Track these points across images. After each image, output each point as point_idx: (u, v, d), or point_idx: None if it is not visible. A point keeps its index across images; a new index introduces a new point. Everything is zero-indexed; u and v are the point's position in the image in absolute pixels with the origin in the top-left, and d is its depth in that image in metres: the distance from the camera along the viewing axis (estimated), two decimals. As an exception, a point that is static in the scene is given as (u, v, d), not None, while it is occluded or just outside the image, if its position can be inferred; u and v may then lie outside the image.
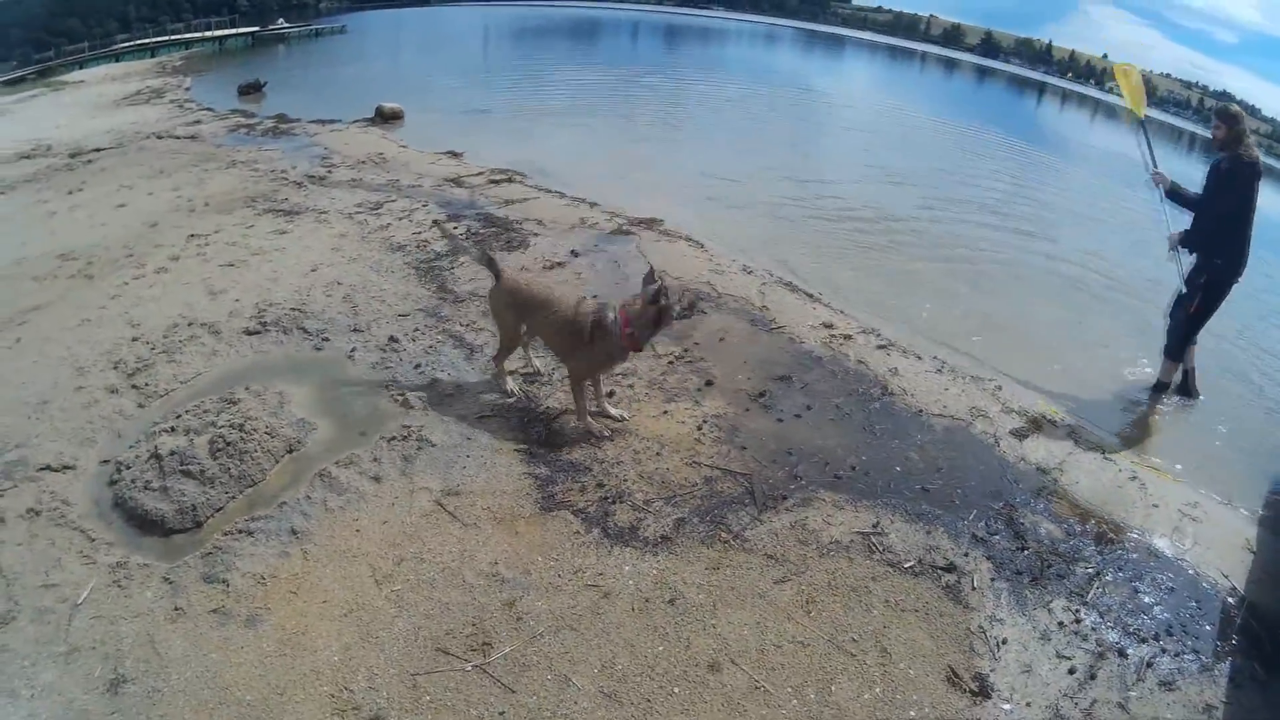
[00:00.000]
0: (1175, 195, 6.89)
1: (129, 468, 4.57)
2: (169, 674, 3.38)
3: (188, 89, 20.49)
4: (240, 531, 4.16)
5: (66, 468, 4.66)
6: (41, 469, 4.62)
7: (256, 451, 4.69)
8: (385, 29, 50.98)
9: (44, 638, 3.54)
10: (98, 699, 3.27)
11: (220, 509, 4.36)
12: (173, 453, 4.59)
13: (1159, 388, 7.22)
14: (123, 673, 3.38)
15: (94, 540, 4.12)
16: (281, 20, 47.67)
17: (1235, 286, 6.72)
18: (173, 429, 4.87)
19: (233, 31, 41.99)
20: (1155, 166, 7.02)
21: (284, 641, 3.54)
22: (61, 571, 3.91)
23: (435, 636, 3.63)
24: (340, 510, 4.36)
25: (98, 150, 12.66)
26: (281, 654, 3.48)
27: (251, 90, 20.06)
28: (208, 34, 40.69)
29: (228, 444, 4.66)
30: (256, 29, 43.08)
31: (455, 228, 8.27)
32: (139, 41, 38.08)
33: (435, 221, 5.32)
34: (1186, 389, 7.24)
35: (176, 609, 3.70)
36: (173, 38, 39.27)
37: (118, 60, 33.14)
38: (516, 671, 3.48)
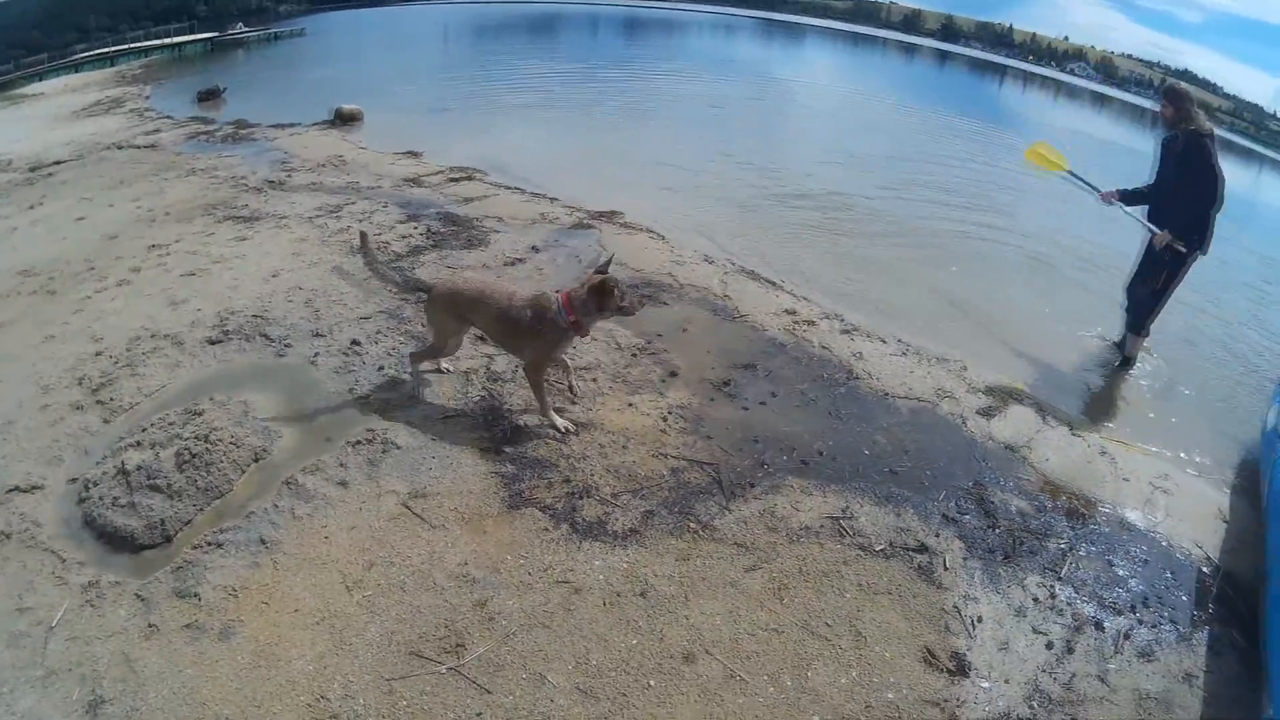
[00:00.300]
0: (1130, 197, 7.06)
1: (97, 485, 4.55)
2: (146, 692, 3.38)
3: (147, 97, 20.29)
4: (210, 544, 4.15)
5: (35, 488, 4.63)
6: (10, 490, 4.59)
7: (222, 462, 4.69)
8: (344, 30, 50.60)
9: (20, 662, 3.53)
10: None
11: (189, 522, 4.35)
12: (139, 467, 4.58)
13: (1125, 363, 7.39)
14: (100, 694, 3.37)
15: (65, 561, 4.10)
16: (240, 25, 47.15)
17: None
18: (138, 443, 4.86)
19: (191, 38, 41.52)
20: (1099, 191, 7.22)
21: (258, 653, 3.55)
22: (35, 594, 3.89)
23: (408, 640, 3.64)
24: (308, 518, 4.36)
25: (57, 163, 12.55)
26: (256, 666, 3.49)
27: (211, 96, 19.88)
28: (166, 41, 40.22)
29: (193, 456, 4.66)
30: (215, 35, 42.61)
31: (379, 249, 8.18)
32: (98, 51, 37.63)
33: (362, 245, 5.20)
34: (1128, 362, 7.46)
35: (150, 626, 3.69)
36: (131, 46, 38.80)
37: (77, 71, 32.73)
38: (491, 672, 3.51)
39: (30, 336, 6.45)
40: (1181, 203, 6.64)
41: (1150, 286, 6.96)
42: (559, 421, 5.19)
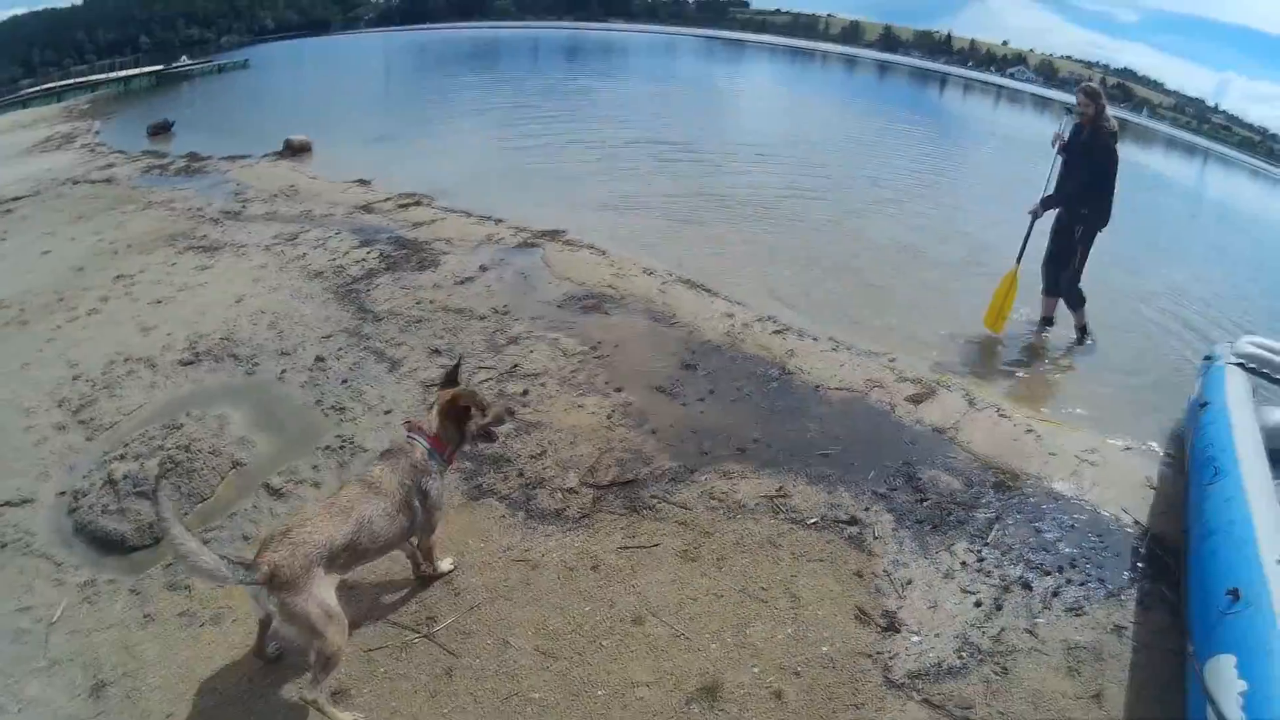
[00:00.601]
0: (1050, 201, 7.82)
1: (86, 495, 4.85)
2: (146, 675, 3.66)
3: (97, 133, 20.21)
4: None
5: (25, 501, 4.90)
6: (1, 505, 4.85)
7: (204, 469, 5.03)
8: (287, 61, 50.43)
9: (24, 656, 3.78)
10: (82, 704, 3.53)
11: (176, 525, 4.66)
12: (126, 477, 4.89)
13: (1082, 333, 8.22)
14: (102, 678, 3.64)
15: (60, 565, 4.38)
16: (184, 57, 46.80)
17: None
18: (123, 456, 5.16)
19: (137, 71, 41.15)
20: (1032, 217, 8.00)
21: (249, 634, 3.81)
22: (33, 595, 4.16)
23: (384, 615, 3.99)
24: (285, 516, 4.62)
25: (16, 199, 12.61)
26: (247, 645, 3.76)
27: (161, 130, 19.86)
28: (112, 75, 39.82)
29: (176, 464, 4.99)
30: (161, 67, 42.27)
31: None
32: (44, 87, 37.32)
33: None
34: (1047, 321, 8.37)
35: (146, 616, 3.99)
36: (78, 80, 38.47)
37: (25, 106, 32.41)
38: (460, 638, 3.86)
39: (7, 364, 6.67)
40: (1092, 189, 7.50)
41: (1074, 266, 7.79)
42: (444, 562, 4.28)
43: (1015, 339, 8.22)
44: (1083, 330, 8.20)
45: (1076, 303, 8.06)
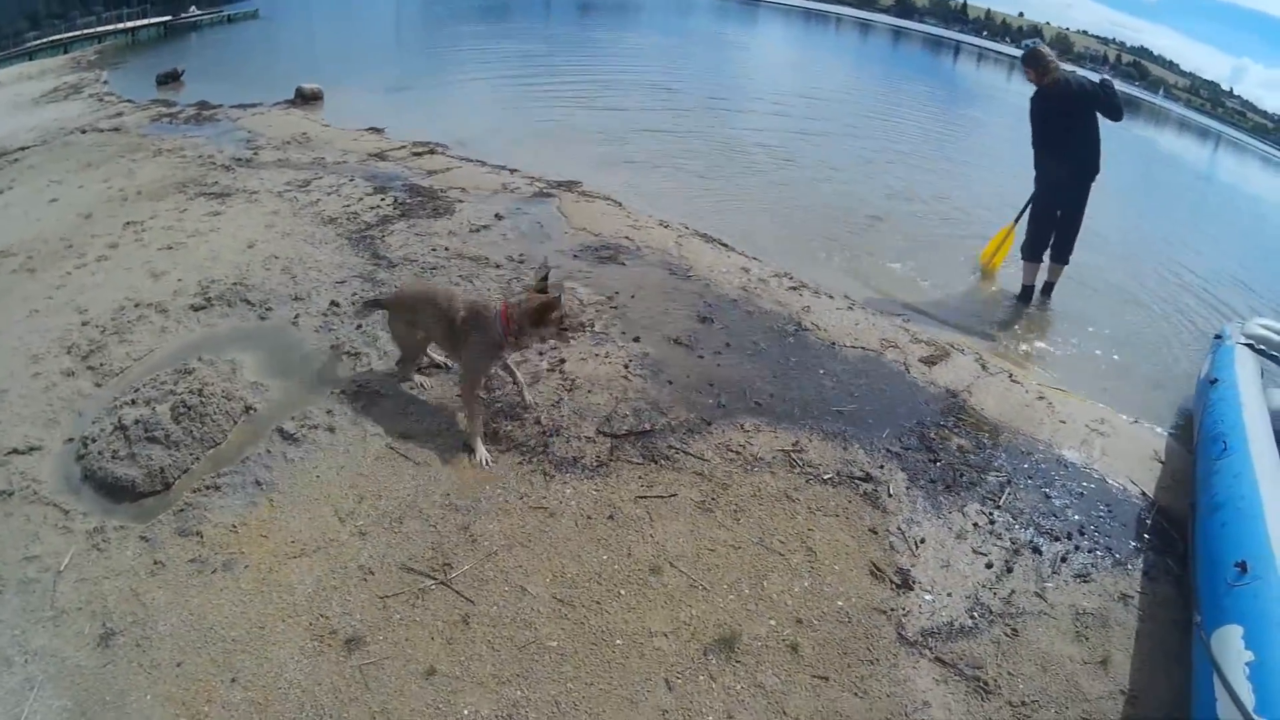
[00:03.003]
0: (1066, 175, 7.93)
1: (95, 441, 4.77)
2: (156, 622, 3.61)
3: (105, 82, 19.97)
4: (208, 488, 4.40)
5: (33, 449, 4.82)
6: (8, 453, 4.77)
7: (216, 414, 4.93)
8: (297, 10, 49.81)
9: (31, 606, 3.73)
10: (90, 654, 3.48)
11: (187, 470, 4.59)
12: (137, 421, 4.81)
13: (1047, 290, 8.39)
14: (111, 627, 3.59)
15: (68, 512, 4.31)
16: (193, 7, 46.30)
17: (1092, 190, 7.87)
18: (133, 401, 5.08)
19: (144, 22, 40.68)
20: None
21: (260, 581, 3.81)
22: (40, 544, 4.09)
23: (399, 561, 3.95)
24: (300, 460, 4.62)
25: (23, 149, 12.48)
26: (260, 592, 3.75)
27: (170, 80, 19.60)
28: (119, 26, 39.39)
29: (188, 409, 4.90)
30: (168, 18, 41.83)
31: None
32: (51, 38, 36.92)
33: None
34: (1025, 297, 8.37)
35: (156, 563, 3.93)
36: (84, 32, 38.03)
37: (31, 59, 32.07)
38: (476, 585, 3.82)
39: (15, 312, 6.59)
40: (1067, 147, 7.61)
41: (1069, 227, 7.99)
42: (480, 449, 4.76)
43: (1027, 307, 8.25)
44: (1050, 287, 8.41)
45: (1065, 258, 8.22)
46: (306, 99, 16.27)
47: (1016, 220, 8.67)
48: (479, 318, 4.71)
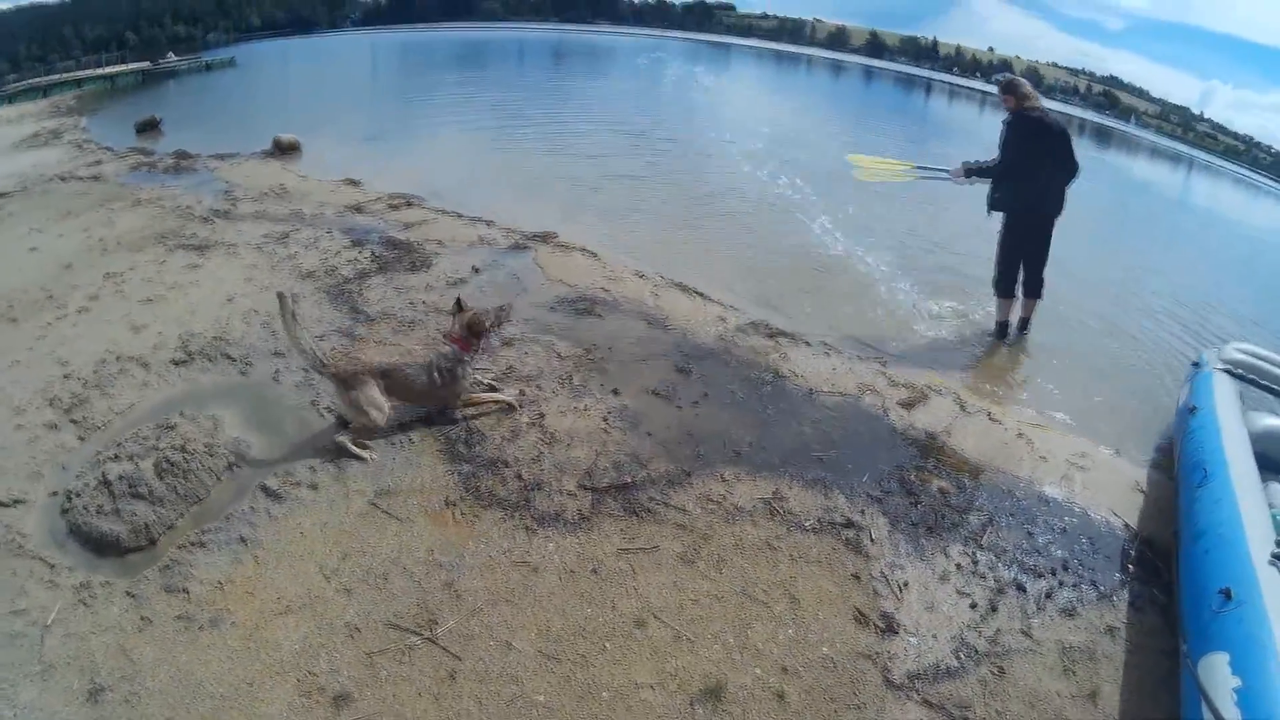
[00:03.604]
0: (978, 171, 8.01)
1: (79, 495, 4.77)
2: (144, 678, 3.62)
3: (84, 129, 20.03)
4: (193, 544, 4.42)
5: (17, 502, 4.82)
6: None
7: (199, 470, 4.96)
8: (274, 60, 50.13)
9: (18, 660, 3.73)
10: (79, 709, 3.49)
11: (171, 526, 4.62)
12: (121, 477, 4.82)
13: (1023, 325, 8.43)
14: (100, 682, 3.59)
15: (54, 566, 4.30)
16: (171, 54, 46.48)
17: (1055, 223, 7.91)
18: (116, 456, 5.09)
19: (124, 68, 40.89)
20: (946, 171, 8.37)
21: (247, 638, 3.83)
22: (26, 598, 4.09)
23: (385, 618, 3.97)
24: (284, 517, 4.65)
25: (3, 195, 12.43)
26: (247, 649, 3.77)
27: (149, 128, 19.68)
28: (99, 71, 39.52)
29: (172, 465, 4.93)
30: (148, 64, 42.02)
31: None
32: (29, 82, 37.00)
33: (281, 309, 5.42)
34: (1001, 334, 8.44)
35: (143, 619, 3.94)
36: (64, 77, 38.12)
37: (10, 102, 32.06)
38: (462, 641, 3.86)
39: (-4, 363, 6.59)
40: (1044, 177, 7.65)
41: (1040, 259, 8.02)
42: (507, 394, 6.01)
43: (1005, 345, 8.32)
44: (1026, 322, 8.48)
45: (1038, 292, 8.27)
46: (284, 149, 16.31)
47: (916, 169, 9.21)
48: (445, 359, 5.52)
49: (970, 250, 10.61)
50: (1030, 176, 7.65)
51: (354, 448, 5.24)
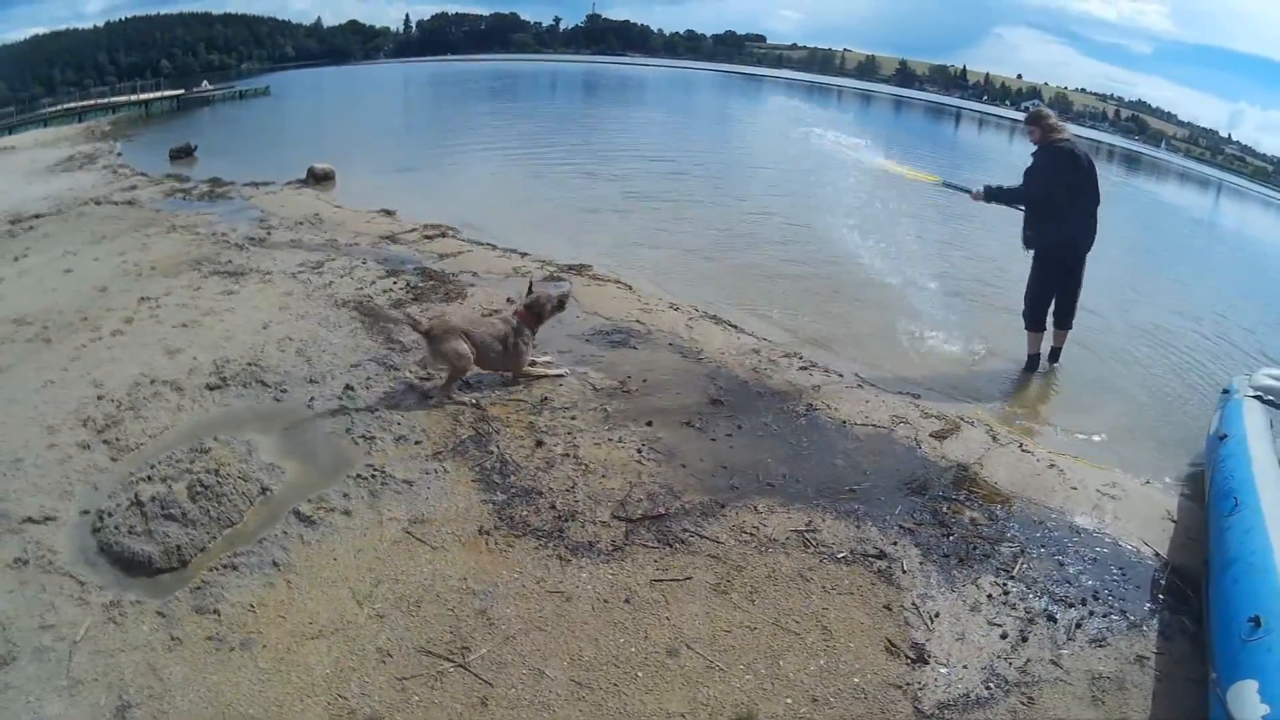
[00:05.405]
0: (996, 194, 8.09)
1: (111, 515, 4.79)
2: (173, 697, 3.61)
3: (119, 154, 20.32)
4: (225, 567, 4.42)
5: (48, 519, 4.84)
6: (24, 521, 4.79)
7: (233, 494, 4.98)
8: (307, 89, 50.82)
9: (46, 674, 3.73)
10: None
11: (203, 548, 4.62)
12: (153, 498, 4.85)
13: (1054, 356, 8.39)
14: (127, 700, 3.58)
15: (84, 584, 4.32)
16: (205, 82, 47.13)
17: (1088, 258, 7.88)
18: (149, 478, 5.12)
19: (158, 95, 41.43)
20: (969, 192, 8.40)
21: (278, 660, 3.82)
22: (56, 614, 4.10)
23: (417, 644, 3.95)
24: (317, 543, 4.66)
25: (38, 216, 12.64)
26: (278, 671, 3.76)
27: (183, 154, 19.94)
28: (134, 98, 40.07)
29: (205, 488, 4.94)
30: (182, 91, 42.56)
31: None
32: (65, 106, 37.58)
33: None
34: (1032, 366, 8.35)
35: (173, 639, 3.94)
36: (99, 101, 38.72)
37: (46, 125, 32.62)
38: (494, 669, 3.82)
39: (30, 381, 6.66)
40: (1073, 210, 7.59)
41: (1072, 292, 7.97)
42: (558, 369, 7.07)
43: (1036, 375, 8.26)
44: (1057, 352, 8.41)
45: (1068, 323, 8.24)
46: (318, 179, 16.50)
47: (943, 184, 9.50)
48: (514, 331, 6.58)
49: (1006, 281, 10.57)
50: (1059, 210, 7.60)
51: (458, 394, 6.47)
